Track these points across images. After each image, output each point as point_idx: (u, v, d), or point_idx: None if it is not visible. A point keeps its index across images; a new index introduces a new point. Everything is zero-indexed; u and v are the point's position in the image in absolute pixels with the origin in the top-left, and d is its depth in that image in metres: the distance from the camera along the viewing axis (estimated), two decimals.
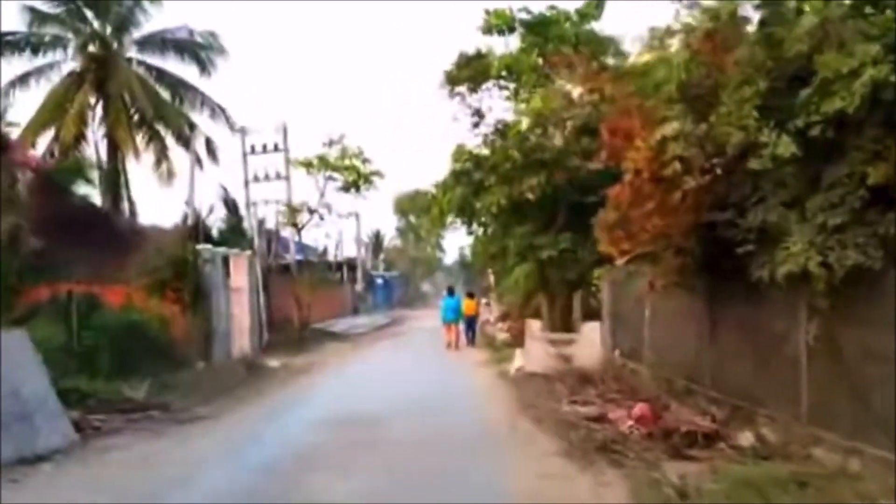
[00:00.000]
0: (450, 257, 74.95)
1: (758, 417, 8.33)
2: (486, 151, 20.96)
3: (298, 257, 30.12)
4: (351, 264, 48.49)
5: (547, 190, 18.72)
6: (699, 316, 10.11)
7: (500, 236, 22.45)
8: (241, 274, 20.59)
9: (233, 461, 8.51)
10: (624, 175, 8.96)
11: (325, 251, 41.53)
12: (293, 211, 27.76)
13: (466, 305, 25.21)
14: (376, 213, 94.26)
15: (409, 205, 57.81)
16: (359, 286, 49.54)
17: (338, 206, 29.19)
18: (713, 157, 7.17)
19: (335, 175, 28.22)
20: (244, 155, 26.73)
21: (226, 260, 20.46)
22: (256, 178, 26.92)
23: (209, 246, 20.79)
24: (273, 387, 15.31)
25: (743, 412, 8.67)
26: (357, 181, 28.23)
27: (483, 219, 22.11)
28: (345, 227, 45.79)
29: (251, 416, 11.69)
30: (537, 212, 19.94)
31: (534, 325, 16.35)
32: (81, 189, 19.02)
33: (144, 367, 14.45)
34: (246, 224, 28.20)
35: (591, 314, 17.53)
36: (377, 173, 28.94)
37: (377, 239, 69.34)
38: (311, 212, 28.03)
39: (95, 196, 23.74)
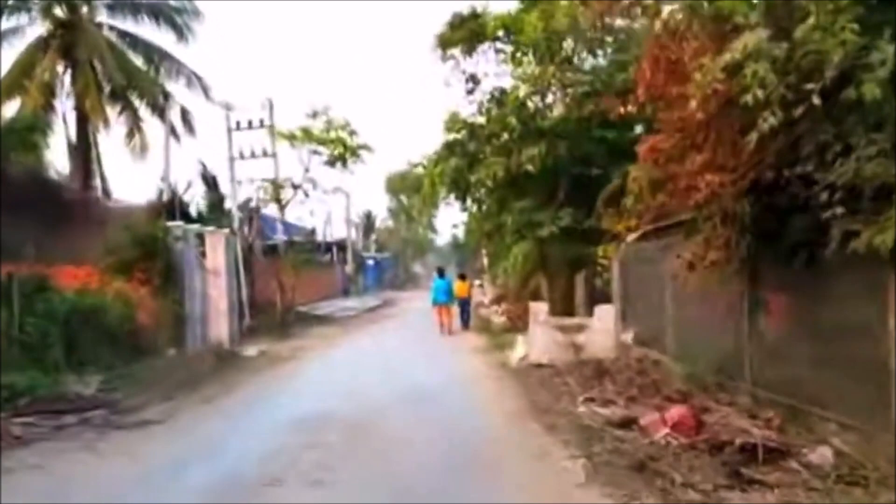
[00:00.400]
0: (442, 239, 73.56)
1: (823, 423, 6.75)
2: (481, 120, 19.50)
3: (283, 237, 28.50)
4: (341, 245, 47.11)
5: (547, 162, 17.31)
6: (739, 297, 8.48)
7: (497, 212, 21.04)
8: (218, 253, 18.97)
9: (175, 482, 6.80)
10: (652, 129, 7.35)
11: (314, 231, 39.92)
12: (276, 187, 26.12)
13: (458, 287, 23.80)
14: (368, 194, 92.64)
15: (401, 184, 56.42)
16: (349, 267, 48.31)
17: (323, 181, 27.54)
18: (798, 86, 5.46)
19: (320, 149, 26.57)
20: (228, 131, 25.09)
21: (201, 238, 18.89)
22: (242, 156, 25.32)
23: (181, 223, 19.24)
24: (246, 379, 13.72)
25: (801, 416, 7.09)
26: (343, 155, 26.58)
27: (478, 193, 20.70)
28: (335, 208, 44.45)
29: (211, 418, 10.01)
30: (537, 185, 18.55)
31: (539, 309, 14.70)
32: (29, 155, 17.03)
33: (104, 357, 13.07)
34: (229, 202, 26.58)
35: (596, 296, 16.04)
36: (365, 146, 27.36)
37: (368, 219, 68.21)
38: (295, 187, 26.34)
39: (58, 165, 22.18)
